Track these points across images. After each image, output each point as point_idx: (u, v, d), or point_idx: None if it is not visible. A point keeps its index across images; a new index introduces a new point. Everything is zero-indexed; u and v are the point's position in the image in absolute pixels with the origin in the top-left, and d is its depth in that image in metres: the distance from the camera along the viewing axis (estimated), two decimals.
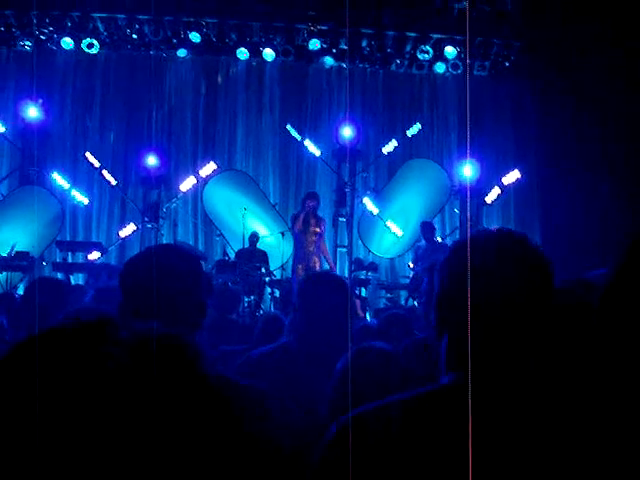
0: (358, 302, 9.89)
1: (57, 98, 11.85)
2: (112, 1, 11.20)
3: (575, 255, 10.82)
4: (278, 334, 3.84)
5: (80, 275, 10.80)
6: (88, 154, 11.77)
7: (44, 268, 10.96)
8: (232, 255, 11.15)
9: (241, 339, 6.03)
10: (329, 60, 12.39)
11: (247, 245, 10.81)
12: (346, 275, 11.29)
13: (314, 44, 12.06)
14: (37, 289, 4.07)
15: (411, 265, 11.21)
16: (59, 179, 11.73)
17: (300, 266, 10.36)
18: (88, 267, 10.39)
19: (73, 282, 9.84)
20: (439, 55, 12.32)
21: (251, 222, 11.42)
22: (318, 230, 10.43)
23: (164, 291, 1.90)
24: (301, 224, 10.31)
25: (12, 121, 11.75)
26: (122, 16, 11.60)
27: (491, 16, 11.64)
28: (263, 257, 10.82)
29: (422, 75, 12.82)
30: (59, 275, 10.71)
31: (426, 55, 12.32)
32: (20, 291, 10.72)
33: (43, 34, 11.64)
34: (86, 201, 11.92)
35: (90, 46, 11.74)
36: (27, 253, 10.19)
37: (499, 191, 12.18)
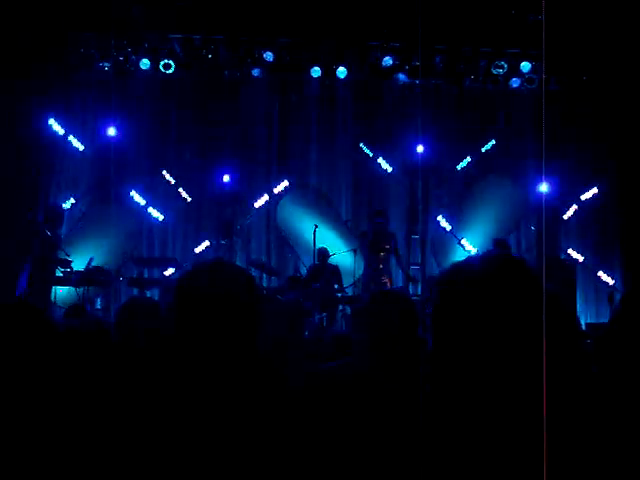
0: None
1: (135, 117, 12.12)
2: (188, 22, 11.41)
3: None
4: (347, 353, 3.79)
5: (155, 291, 11.00)
6: (164, 172, 12.03)
7: (120, 283, 11.19)
8: (304, 271, 11.18)
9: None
10: (402, 77, 12.35)
11: (317, 262, 10.82)
12: (419, 293, 11.19)
13: (387, 61, 12.05)
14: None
15: None
16: (136, 196, 12.01)
17: (371, 284, 10.32)
18: (163, 283, 10.58)
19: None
20: (514, 70, 12.15)
21: (323, 239, 11.42)
22: (388, 247, 10.40)
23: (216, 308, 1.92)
24: (369, 243, 10.29)
25: (91, 140, 12.10)
26: (197, 37, 11.83)
27: (566, 29, 11.41)
28: (336, 273, 10.80)
29: (497, 90, 12.64)
30: (134, 291, 10.95)
31: (501, 70, 12.16)
32: (98, 305, 11.00)
33: (121, 55, 11.95)
34: (162, 218, 12.16)
35: (167, 66, 11.99)
36: (103, 268, 10.43)
37: (577, 208, 11.90)
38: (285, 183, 12.18)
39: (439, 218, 12.24)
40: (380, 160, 12.19)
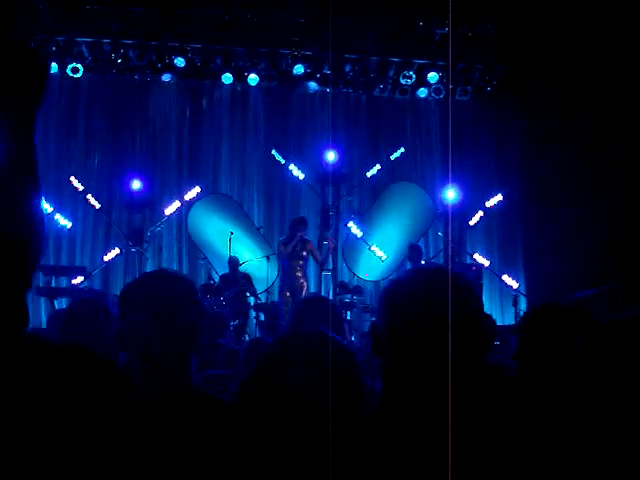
0: (346, 325, 9.88)
1: (41, 122, 11.75)
2: (97, 26, 11.22)
3: (558, 276, 10.96)
4: None
5: (64, 300, 10.73)
6: (72, 178, 11.75)
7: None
8: (217, 279, 11.14)
9: (228, 363, 6.05)
10: (313, 85, 12.49)
11: (228, 270, 10.81)
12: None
13: (298, 69, 12.15)
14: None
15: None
16: (43, 203, 11.67)
17: (287, 292, 10.39)
18: (72, 291, 10.34)
19: (57, 307, 9.78)
20: (422, 80, 12.46)
21: (236, 246, 11.41)
22: (305, 254, 10.51)
23: (158, 315, 1.96)
24: (290, 251, 10.36)
25: None
26: (107, 40, 11.63)
27: (473, 41, 11.82)
28: (247, 280, 10.82)
29: (405, 100, 12.95)
30: (41, 300, 10.66)
31: (409, 80, 12.46)
32: None
33: None
34: (69, 225, 11.88)
35: (75, 70, 11.76)
36: None
37: (482, 214, 12.28)
38: (197, 189, 12.09)
39: (350, 224, 12.40)
40: (292, 167, 12.27)
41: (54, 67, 11.67)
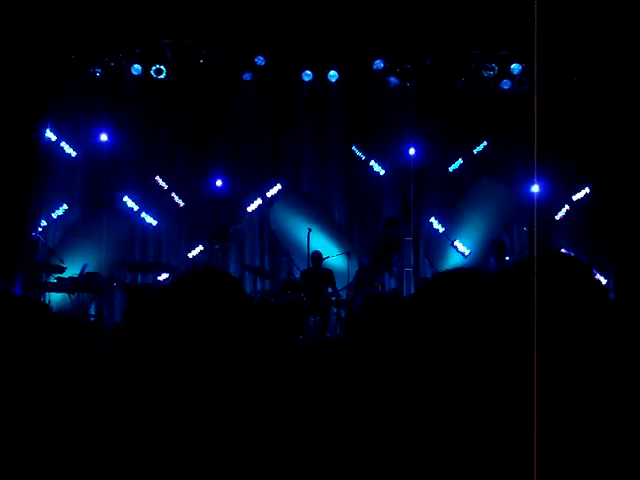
0: None
1: (127, 123, 12.11)
2: (179, 27, 11.43)
3: None
4: None
5: None
6: (157, 177, 12.04)
7: (114, 289, 11.19)
8: (298, 275, 11.20)
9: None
10: (394, 80, 12.39)
11: (311, 265, 10.85)
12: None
13: (378, 64, 12.09)
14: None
15: None
16: (129, 202, 12.02)
17: (362, 287, 10.39)
18: (157, 287, 10.58)
19: None
20: (504, 72, 12.21)
21: (317, 242, 11.44)
22: (396, 254, 10.54)
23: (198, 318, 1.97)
24: (378, 250, 10.37)
25: (84, 146, 12.09)
26: (189, 42, 11.85)
27: (557, 31, 11.48)
28: (329, 277, 10.83)
29: (488, 92, 12.69)
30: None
31: (491, 72, 12.22)
32: (92, 311, 10.99)
33: (113, 60, 11.96)
34: (155, 223, 12.17)
35: (158, 72, 12.01)
36: (97, 274, 10.43)
37: (568, 208, 11.96)
38: (278, 187, 12.20)
39: (432, 220, 12.28)
40: (372, 163, 12.23)
41: (137, 68, 11.96)
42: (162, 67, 12.02)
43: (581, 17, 11.06)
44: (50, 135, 11.84)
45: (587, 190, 11.80)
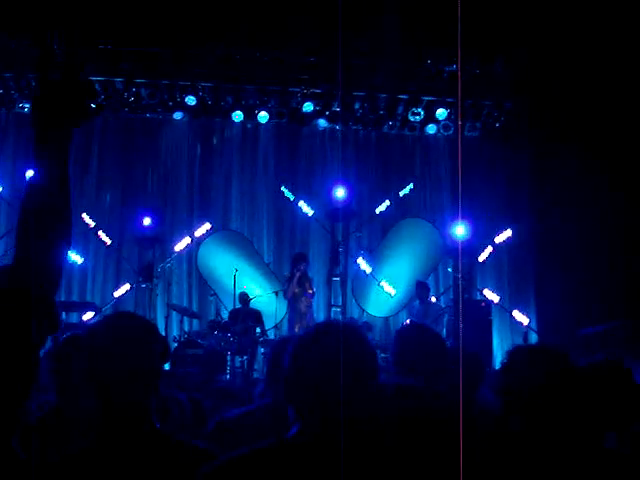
0: None
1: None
2: (110, 65, 11.42)
3: (571, 313, 10.90)
4: None
5: None
6: (84, 215, 11.87)
7: None
8: (225, 315, 11.16)
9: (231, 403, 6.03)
10: (322, 122, 12.60)
11: (239, 305, 10.83)
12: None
13: (308, 106, 12.28)
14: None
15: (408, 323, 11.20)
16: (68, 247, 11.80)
17: (297, 327, 10.40)
18: (82, 327, 10.39)
19: None
20: (431, 116, 12.53)
21: (245, 282, 11.44)
22: (311, 291, 10.57)
23: (119, 357, 2.00)
24: (296, 287, 10.41)
25: (11, 181, 11.88)
26: (120, 79, 11.83)
27: (481, 78, 11.90)
28: (257, 317, 10.83)
29: (414, 136, 13.02)
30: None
31: (418, 117, 12.54)
32: None
33: None
34: (81, 261, 11.98)
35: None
36: None
37: (491, 249, 12.24)
38: (207, 226, 12.18)
39: (359, 260, 12.41)
40: (301, 203, 12.33)
41: None
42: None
43: (508, 60, 11.48)
44: None
45: (509, 232, 12.09)
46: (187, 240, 12.16)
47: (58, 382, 3.04)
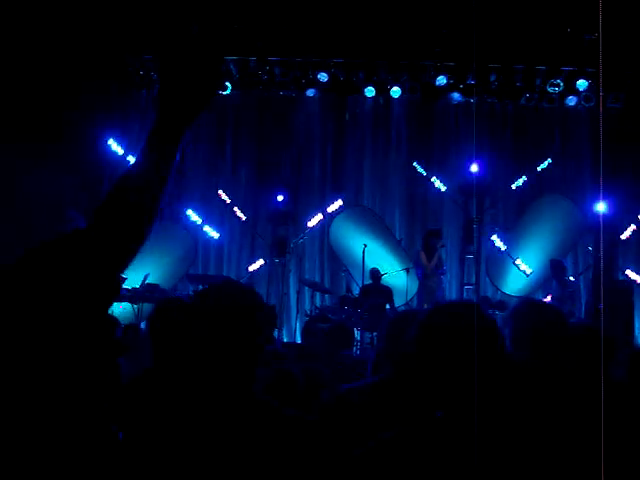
0: None
1: (191, 137, 12.31)
2: (244, 44, 11.59)
3: None
4: None
5: None
6: (220, 191, 12.21)
7: None
8: (356, 291, 11.19)
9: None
10: (456, 96, 12.31)
11: (370, 281, 10.82)
12: None
13: (441, 80, 12.03)
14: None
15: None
16: (192, 215, 12.22)
17: (426, 305, 10.29)
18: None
19: None
20: (570, 88, 11.99)
21: (376, 258, 11.41)
22: (443, 269, 10.45)
23: (221, 324, 1.99)
24: (427, 261, 10.32)
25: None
26: (253, 58, 12.01)
27: (623, 46, 11.24)
28: (387, 294, 10.78)
29: (553, 108, 12.48)
30: None
31: (557, 88, 12.02)
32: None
33: None
34: (217, 236, 12.34)
35: (223, 88, 12.20)
36: (158, 285, 10.60)
37: (635, 228, 11.64)
38: (339, 202, 12.23)
39: (494, 238, 12.11)
40: (434, 179, 12.15)
41: None
42: (227, 83, 12.21)
43: None
44: (117, 149, 12.08)
45: None
46: (319, 216, 12.26)
47: (154, 345, 3.10)
